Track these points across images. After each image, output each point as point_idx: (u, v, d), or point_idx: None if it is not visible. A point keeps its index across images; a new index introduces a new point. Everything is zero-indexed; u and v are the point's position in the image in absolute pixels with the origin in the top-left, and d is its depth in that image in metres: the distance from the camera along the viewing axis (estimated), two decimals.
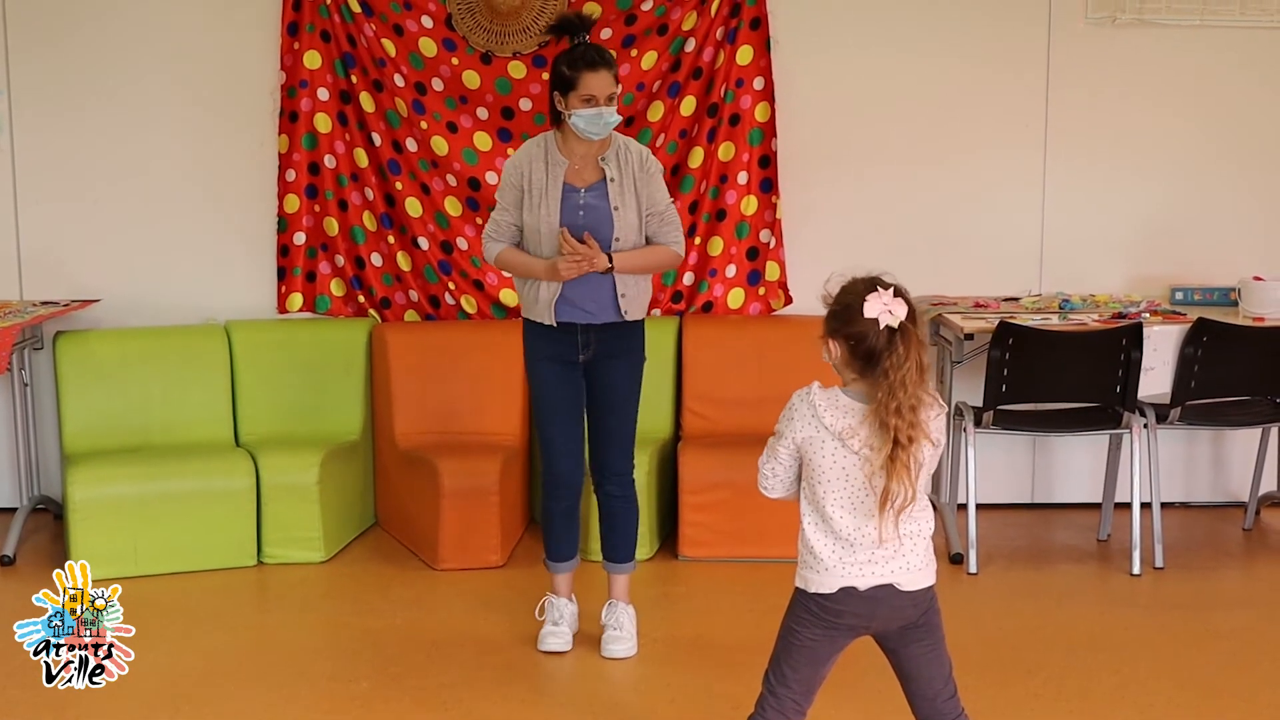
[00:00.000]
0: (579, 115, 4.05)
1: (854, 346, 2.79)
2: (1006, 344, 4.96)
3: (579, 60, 4.06)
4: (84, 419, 5.36)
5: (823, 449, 2.83)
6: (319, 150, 5.64)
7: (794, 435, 2.86)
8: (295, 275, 5.71)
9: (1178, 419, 5.19)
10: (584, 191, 4.15)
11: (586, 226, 4.10)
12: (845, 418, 2.81)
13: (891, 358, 2.74)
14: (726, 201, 5.68)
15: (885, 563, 2.85)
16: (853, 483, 2.83)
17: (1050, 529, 5.68)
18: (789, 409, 2.88)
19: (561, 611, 4.37)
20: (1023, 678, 4.11)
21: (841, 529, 2.84)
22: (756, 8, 5.58)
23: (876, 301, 2.75)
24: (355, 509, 5.53)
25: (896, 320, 2.75)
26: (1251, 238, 5.79)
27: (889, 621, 2.90)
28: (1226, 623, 4.59)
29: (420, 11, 5.57)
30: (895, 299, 2.76)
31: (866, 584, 2.84)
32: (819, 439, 2.83)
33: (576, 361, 4.22)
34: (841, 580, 2.84)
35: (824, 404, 2.83)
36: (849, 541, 2.84)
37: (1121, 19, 5.69)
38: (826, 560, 2.85)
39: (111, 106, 5.63)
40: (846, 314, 2.80)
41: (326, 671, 4.19)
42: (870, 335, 2.76)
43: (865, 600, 2.85)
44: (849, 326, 2.79)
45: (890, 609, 2.88)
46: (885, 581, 2.85)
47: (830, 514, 2.85)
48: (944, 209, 5.76)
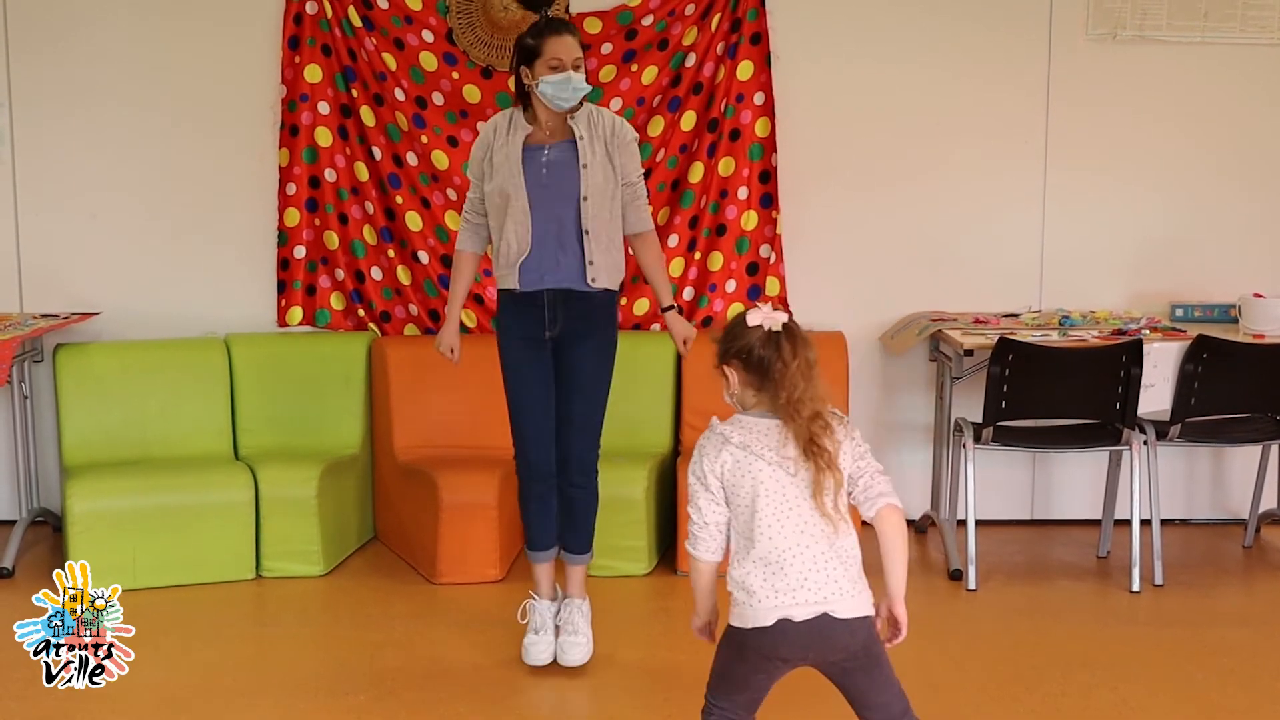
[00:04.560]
0: (547, 82, 4.02)
1: (746, 361, 2.91)
2: (1006, 360, 4.95)
3: (543, 29, 4.06)
4: (83, 432, 5.36)
5: (741, 471, 2.87)
6: (319, 164, 5.65)
7: (714, 470, 2.90)
8: (295, 289, 5.72)
9: (1178, 436, 5.19)
10: (548, 149, 4.11)
11: (549, 185, 4.09)
12: (754, 433, 2.89)
13: (779, 362, 2.86)
14: (727, 216, 5.68)
15: (818, 589, 2.83)
16: (775, 497, 2.85)
17: (1050, 545, 5.67)
18: (698, 452, 2.95)
19: (543, 616, 4.33)
20: (1021, 694, 4.10)
21: (772, 552, 2.84)
22: (757, 23, 5.59)
23: (757, 313, 2.91)
24: (354, 523, 5.53)
25: (778, 323, 2.89)
26: (1252, 254, 5.79)
27: (827, 653, 2.89)
28: (1226, 640, 4.58)
29: (421, 26, 5.59)
30: (774, 311, 2.91)
31: (803, 615, 2.83)
32: (734, 461, 2.88)
33: (544, 338, 4.20)
34: (776, 612, 2.84)
35: (730, 429, 2.92)
36: (780, 565, 2.84)
37: (1122, 35, 5.70)
38: (759, 593, 2.85)
39: (112, 119, 5.64)
40: (733, 332, 2.95)
41: (324, 685, 4.18)
42: (756, 345, 2.89)
43: (802, 632, 2.84)
44: (736, 342, 2.93)
45: (827, 641, 2.86)
46: (821, 612, 2.83)
47: (759, 538, 2.85)
48: (944, 224, 5.76)
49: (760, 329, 2.89)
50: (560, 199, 4.10)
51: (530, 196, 4.09)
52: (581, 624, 4.31)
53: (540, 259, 4.12)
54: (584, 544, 4.37)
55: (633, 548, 5.14)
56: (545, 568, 4.36)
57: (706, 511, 2.93)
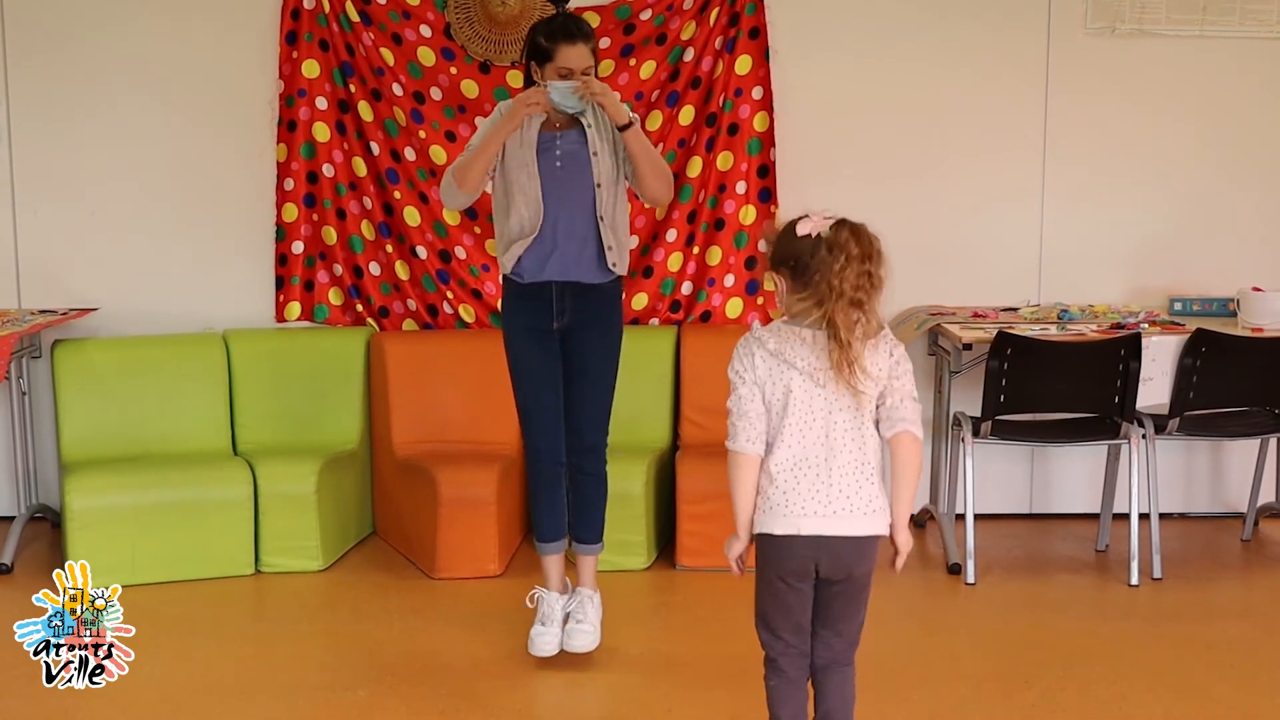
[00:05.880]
0: (554, 88, 4.01)
1: (794, 269, 2.91)
2: (1005, 354, 4.96)
3: (557, 32, 4.03)
4: (82, 428, 5.36)
5: (774, 377, 2.90)
6: (317, 159, 5.64)
7: (749, 367, 2.93)
8: (293, 284, 5.71)
9: (1176, 430, 5.19)
10: (560, 138, 4.11)
11: (564, 172, 4.08)
12: (789, 341, 2.91)
13: (819, 269, 2.86)
14: (725, 211, 5.68)
15: (830, 502, 2.88)
16: (802, 406, 2.88)
17: (1048, 539, 5.68)
18: (735, 353, 2.96)
19: (552, 607, 4.30)
20: (1020, 688, 4.10)
21: (789, 459, 2.89)
22: (755, 17, 5.58)
23: (807, 222, 2.91)
24: (353, 518, 5.53)
25: (826, 226, 2.89)
26: (1250, 248, 5.80)
27: (834, 571, 2.93)
28: (1225, 634, 4.58)
29: (419, 20, 5.58)
30: (825, 218, 2.91)
31: (811, 528, 2.88)
32: (767, 367, 2.91)
33: (551, 329, 4.19)
34: (787, 522, 2.89)
35: (765, 334, 2.94)
36: (797, 474, 2.88)
37: (1121, 29, 5.69)
38: (773, 498, 2.90)
39: (110, 115, 5.63)
40: (781, 240, 2.95)
41: (324, 680, 4.18)
42: (805, 253, 2.88)
43: (809, 545, 2.89)
44: (785, 249, 2.93)
45: (835, 558, 2.91)
46: (831, 526, 2.88)
47: (779, 445, 2.90)
48: (942, 219, 5.76)
49: (810, 238, 2.89)
50: (574, 189, 4.09)
51: (544, 185, 4.08)
52: (591, 613, 4.30)
53: (549, 247, 4.11)
54: (594, 534, 4.35)
55: (632, 542, 5.14)
56: (554, 559, 4.34)
57: (745, 399, 2.93)
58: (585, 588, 4.35)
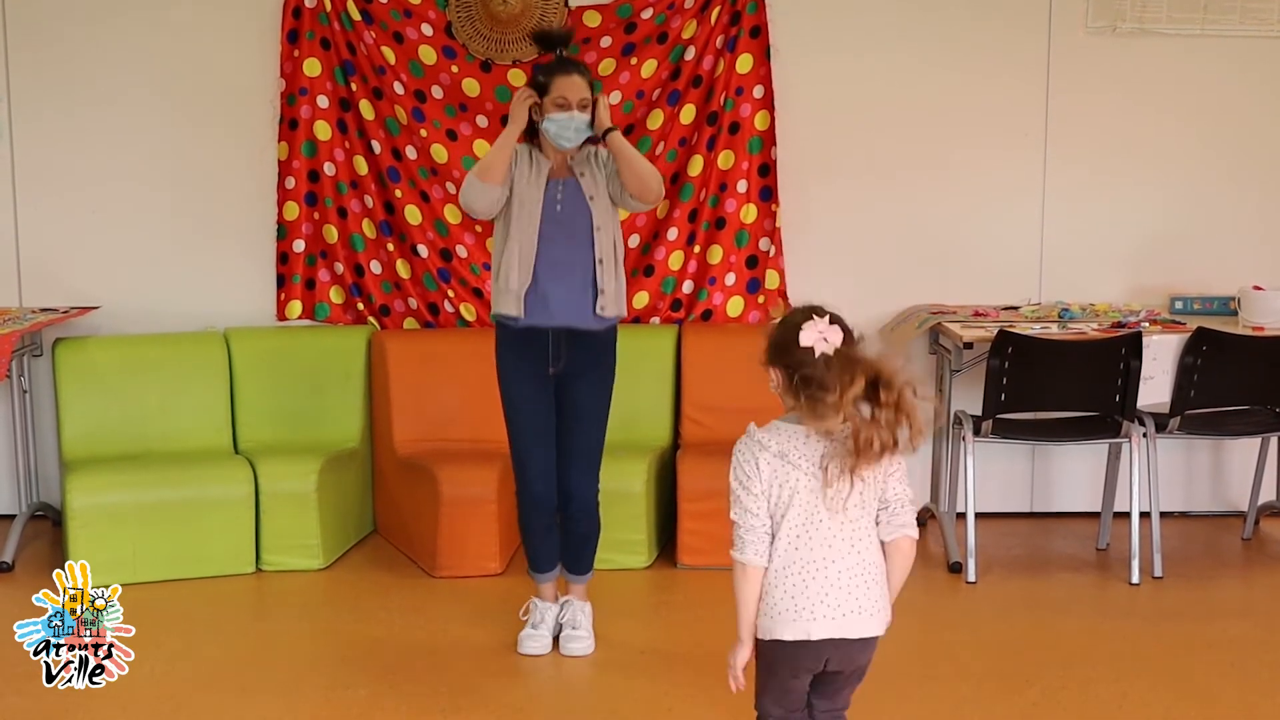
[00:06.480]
0: (551, 120, 4.11)
1: (789, 374, 2.83)
2: (1006, 353, 4.96)
3: (554, 68, 4.18)
4: (83, 426, 5.37)
5: (780, 480, 2.84)
6: (319, 158, 5.64)
7: (755, 473, 2.85)
8: (294, 282, 5.72)
9: (1177, 428, 5.19)
10: (563, 185, 4.19)
11: (564, 215, 4.15)
12: (792, 441, 2.84)
13: (824, 392, 2.76)
14: (726, 209, 5.68)
15: (838, 605, 2.84)
16: (806, 509, 2.83)
17: (1049, 538, 5.68)
18: (736, 457, 2.89)
19: (543, 614, 4.41)
20: (1021, 687, 4.10)
21: (795, 563, 2.84)
22: (756, 16, 5.58)
23: (811, 330, 2.79)
24: (354, 516, 5.53)
25: (831, 348, 2.78)
26: (1251, 247, 5.79)
27: (844, 665, 2.92)
28: (1226, 633, 4.58)
29: (420, 19, 5.58)
30: (830, 326, 2.79)
31: (820, 632, 2.84)
32: (772, 470, 2.84)
33: (547, 374, 4.24)
34: (795, 628, 2.84)
35: (767, 436, 2.86)
36: (804, 579, 2.83)
37: (1122, 28, 5.69)
38: (780, 604, 2.85)
39: (111, 113, 5.63)
40: (782, 342, 2.84)
41: (325, 679, 4.18)
42: (805, 366, 2.79)
43: (821, 648, 2.86)
44: (784, 356, 2.84)
45: (845, 657, 2.90)
46: (839, 630, 2.84)
47: (784, 549, 2.84)
48: (944, 217, 5.76)
49: (811, 351, 2.78)
50: (573, 235, 4.16)
51: (543, 230, 4.14)
52: (584, 621, 4.39)
53: (546, 292, 4.15)
54: (586, 566, 4.45)
55: (632, 541, 5.14)
56: (549, 587, 4.45)
57: (751, 509, 2.86)
58: (576, 598, 4.43)
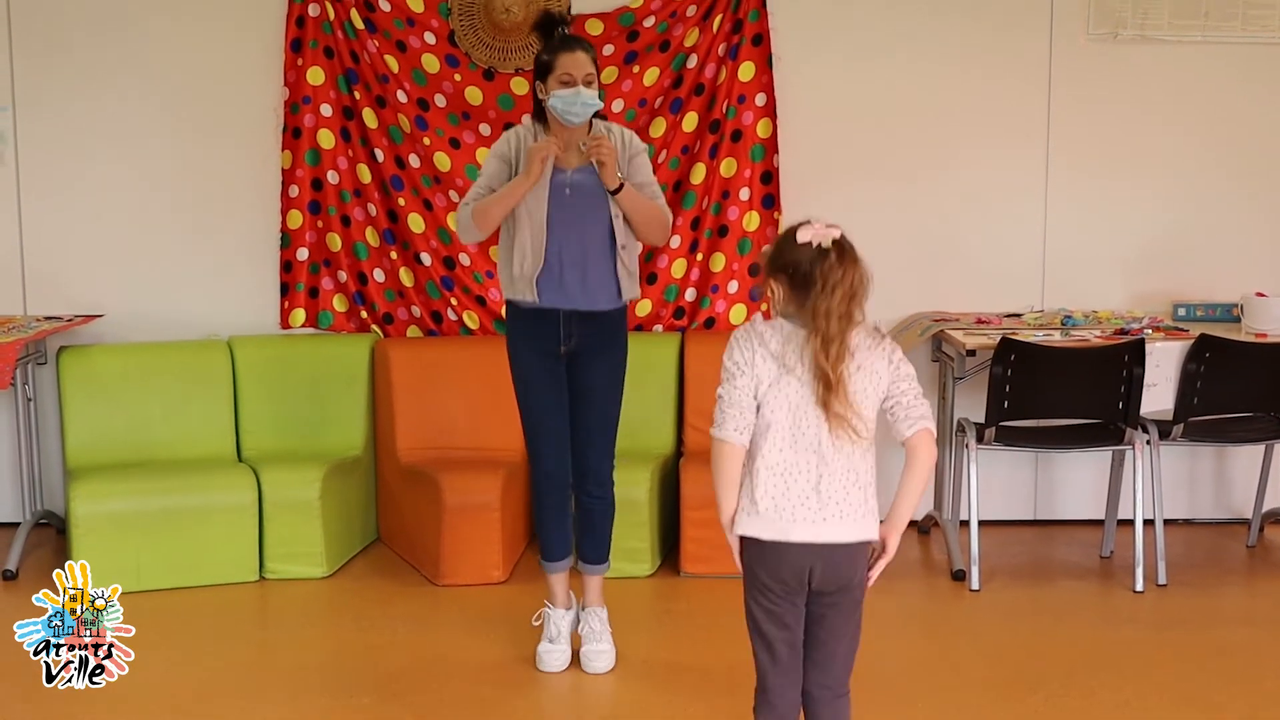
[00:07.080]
0: (557, 96, 4.07)
1: (792, 276, 2.87)
2: (1009, 360, 4.95)
3: (556, 45, 4.12)
4: (87, 434, 5.37)
5: (772, 377, 2.87)
6: (322, 166, 5.65)
7: (748, 360, 2.89)
8: (298, 291, 5.72)
9: (1180, 435, 5.19)
10: (570, 173, 4.15)
11: (575, 206, 4.13)
12: (790, 343, 2.87)
13: (819, 282, 2.82)
14: (729, 217, 5.69)
15: (820, 509, 2.86)
16: (796, 410, 2.86)
17: (1052, 545, 5.67)
18: (734, 342, 2.92)
19: (559, 625, 4.35)
20: (1024, 695, 4.10)
21: (780, 463, 2.87)
22: (758, 24, 5.59)
23: (809, 229, 2.86)
24: (357, 524, 5.53)
25: (829, 239, 2.84)
26: (1254, 253, 5.79)
27: (825, 581, 2.90)
28: (1230, 640, 4.58)
29: (423, 28, 5.59)
30: (829, 228, 2.86)
31: (800, 535, 2.85)
32: (766, 367, 2.87)
33: (558, 354, 4.22)
34: (775, 527, 2.87)
35: (768, 331, 2.89)
36: (786, 479, 2.86)
37: (1123, 35, 5.70)
38: (761, 502, 2.88)
39: (115, 122, 5.64)
40: (781, 247, 2.90)
41: (328, 687, 4.18)
42: (804, 262, 2.84)
43: (800, 553, 2.86)
44: (783, 257, 2.88)
45: (828, 566, 2.88)
46: (819, 534, 2.86)
47: (770, 448, 2.87)
48: (946, 225, 5.76)
49: (810, 245, 2.85)
50: (584, 220, 4.14)
51: (551, 217, 4.11)
52: (604, 632, 4.34)
53: (559, 277, 4.14)
54: (601, 553, 4.39)
55: (636, 549, 5.14)
56: (560, 578, 4.38)
57: (740, 391, 2.90)
58: (593, 605, 4.37)
